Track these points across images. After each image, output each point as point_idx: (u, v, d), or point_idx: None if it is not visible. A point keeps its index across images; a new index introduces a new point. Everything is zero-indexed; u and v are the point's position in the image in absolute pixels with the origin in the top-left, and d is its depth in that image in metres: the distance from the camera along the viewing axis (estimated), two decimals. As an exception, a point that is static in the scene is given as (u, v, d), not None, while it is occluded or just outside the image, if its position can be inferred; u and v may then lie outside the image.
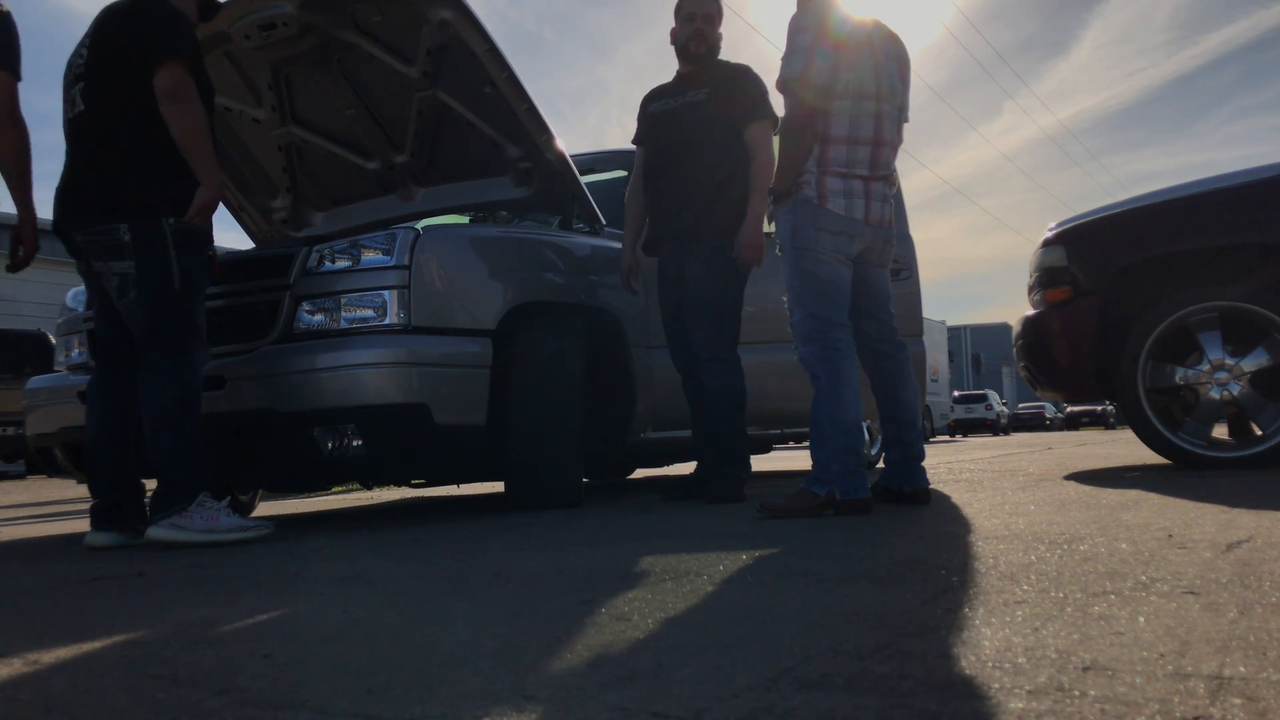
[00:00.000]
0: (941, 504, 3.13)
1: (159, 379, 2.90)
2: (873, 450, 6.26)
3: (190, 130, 2.88)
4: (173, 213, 2.92)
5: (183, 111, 2.87)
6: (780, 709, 0.96)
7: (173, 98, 2.86)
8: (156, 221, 2.90)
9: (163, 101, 2.86)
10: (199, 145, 2.90)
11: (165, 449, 2.88)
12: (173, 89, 2.86)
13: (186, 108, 2.88)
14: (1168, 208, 4.18)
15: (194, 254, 2.98)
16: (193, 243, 2.97)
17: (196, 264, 2.98)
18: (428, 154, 4.37)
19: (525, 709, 1.01)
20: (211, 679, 1.19)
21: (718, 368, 3.68)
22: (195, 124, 2.90)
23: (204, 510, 2.85)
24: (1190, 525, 2.22)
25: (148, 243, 2.89)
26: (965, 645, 1.18)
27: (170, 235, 2.91)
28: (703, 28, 3.80)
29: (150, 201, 2.91)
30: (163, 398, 2.90)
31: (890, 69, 3.07)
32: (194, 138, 2.89)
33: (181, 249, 2.93)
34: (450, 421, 3.28)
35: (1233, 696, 0.93)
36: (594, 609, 1.54)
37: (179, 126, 2.87)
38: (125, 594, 2.00)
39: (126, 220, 2.90)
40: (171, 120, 2.87)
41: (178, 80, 2.86)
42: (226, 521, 2.87)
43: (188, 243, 2.95)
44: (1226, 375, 3.95)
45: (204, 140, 2.92)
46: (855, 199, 2.98)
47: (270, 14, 3.76)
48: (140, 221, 2.90)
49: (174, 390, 2.90)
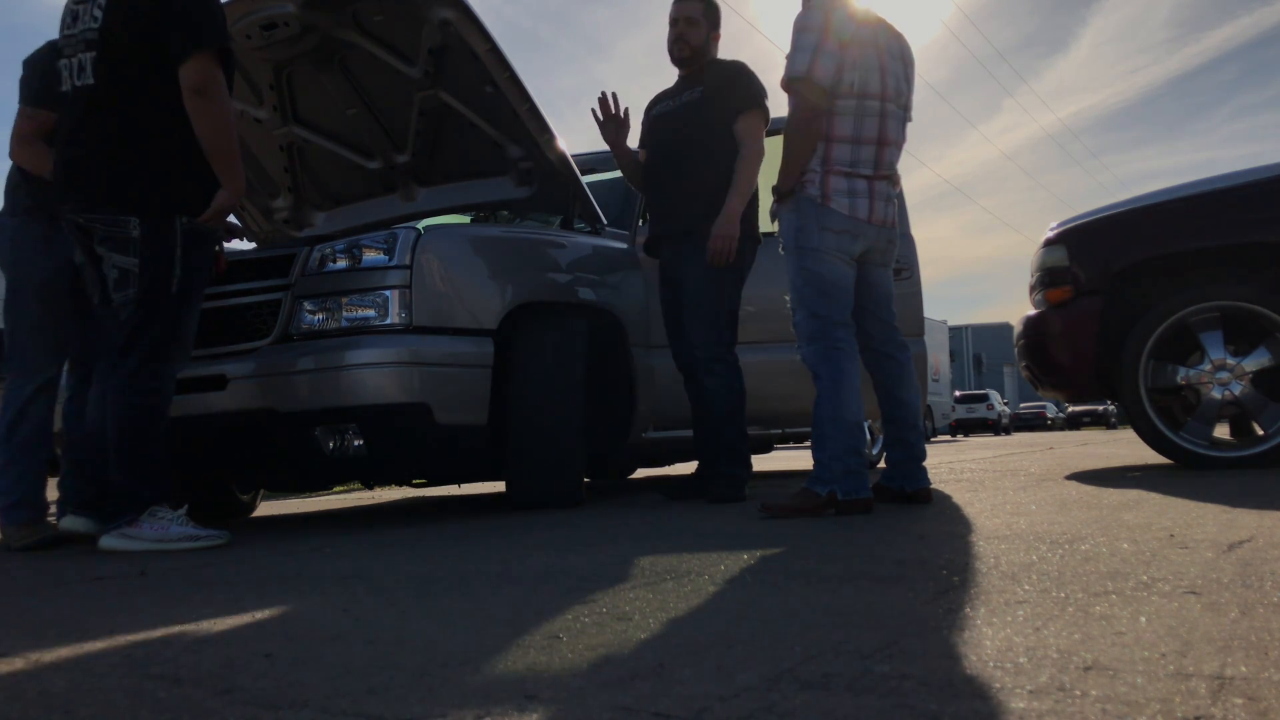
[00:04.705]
0: (943, 504, 3.13)
1: (131, 387, 2.78)
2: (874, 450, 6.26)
3: (217, 129, 2.71)
4: (186, 211, 2.76)
5: (211, 108, 2.68)
6: (781, 709, 0.96)
7: (201, 93, 2.66)
8: (169, 220, 2.75)
9: (189, 96, 2.66)
10: (225, 145, 2.73)
11: (126, 460, 2.76)
12: (201, 83, 2.66)
13: (215, 105, 2.69)
14: (1169, 207, 4.18)
15: (200, 257, 2.85)
16: (201, 245, 2.85)
17: (200, 269, 2.87)
18: (429, 154, 4.37)
19: (527, 708, 1.00)
20: (213, 679, 1.19)
21: (716, 368, 3.68)
22: (222, 122, 2.72)
23: (155, 520, 2.75)
24: (1192, 525, 2.21)
25: (157, 242, 2.74)
26: (967, 645, 1.18)
27: (180, 236, 2.76)
28: (684, 30, 3.81)
29: (165, 197, 2.75)
30: (132, 407, 2.77)
31: (895, 68, 3.06)
32: (220, 137, 2.72)
33: (189, 251, 2.80)
34: (451, 421, 3.28)
35: (1234, 696, 0.93)
36: (595, 608, 1.54)
37: (206, 124, 2.69)
38: (126, 594, 2.00)
39: (137, 214, 2.73)
40: (198, 116, 2.68)
41: (207, 74, 2.66)
42: (177, 531, 2.76)
43: (196, 245, 2.82)
44: (1228, 375, 3.95)
45: (230, 140, 2.75)
46: (859, 198, 2.98)
47: (272, 14, 3.76)
48: (152, 217, 2.73)
49: (144, 400, 2.78)
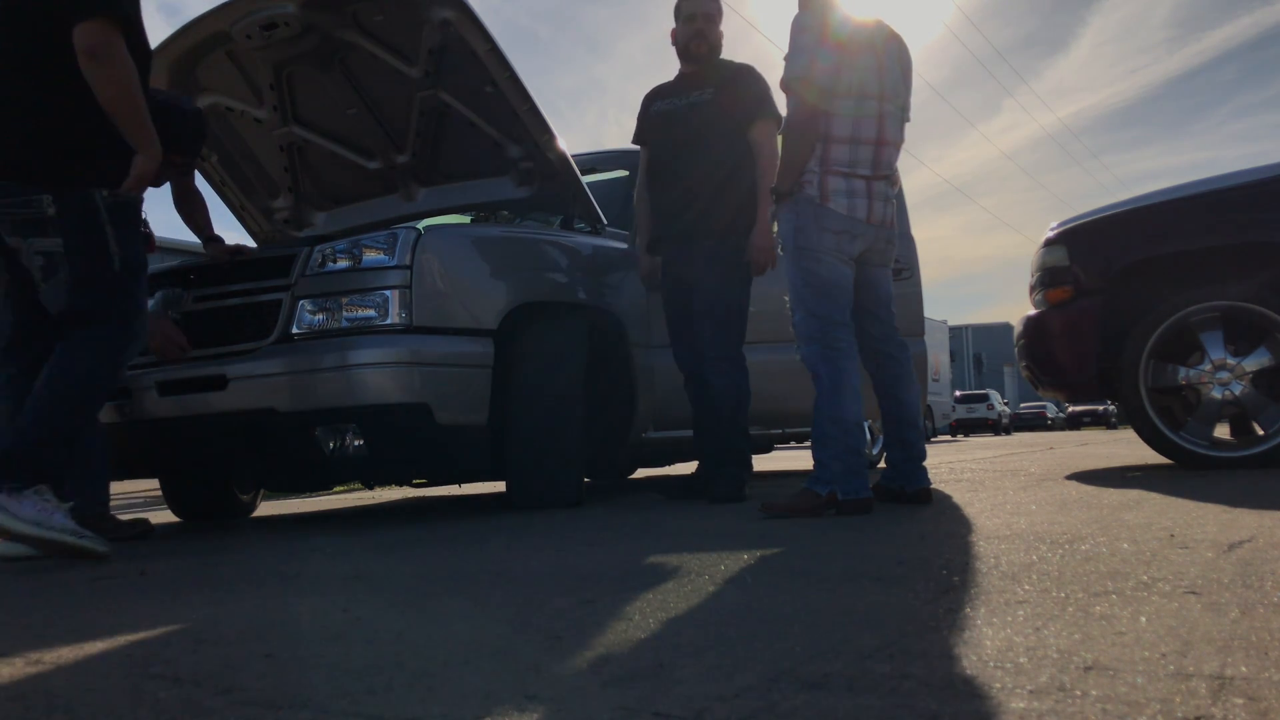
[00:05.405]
0: (943, 504, 3.13)
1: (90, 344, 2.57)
2: (874, 450, 6.26)
3: (118, 94, 2.52)
4: (103, 184, 2.59)
5: (107, 73, 2.50)
6: (782, 709, 0.96)
7: (94, 56, 2.48)
8: (87, 192, 2.57)
9: (83, 60, 2.49)
10: (129, 109, 2.55)
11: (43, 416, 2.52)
12: (93, 46, 2.48)
13: (111, 69, 2.50)
14: (1170, 207, 4.18)
15: (130, 230, 2.67)
16: (128, 217, 2.67)
17: (134, 241, 2.69)
18: (429, 154, 4.37)
19: (527, 708, 1.01)
20: (213, 678, 1.19)
21: (723, 366, 3.68)
22: (123, 86, 2.53)
23: (39, 501, 2.48)
24: (1192, 525, 2.21)
25: (78, 216, 2.57)
26: (967, 645, 1.18)
27: (105, 210, 2.59)
28: (704, 27, 3.80)
29: (77, 169, 2.58)
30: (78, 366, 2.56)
31: (892, 69, 3.07)
32: (123, 101, 2.53)
33: (117, 225, 2.62)
34: (452, 421, 3.28)
35: (1234, 696, 0.93)
36: (595, 608, 1.54)
37: (104, 89, 2.51)
38: (127, 593, 2.00)
39: (50, 190, 2.55)
40: (94, 82, 2.51)
41: (101, 36, 2.48)
42: (60, 521, 2.48)
43: (123, 217, 2.64)
44: (1228, 375, 3.95)
45: (134, 103, 2.56)
46: (858, 199, 2.98)
47: (272, 14, 3.76)
48: (67, 192, 2.55)
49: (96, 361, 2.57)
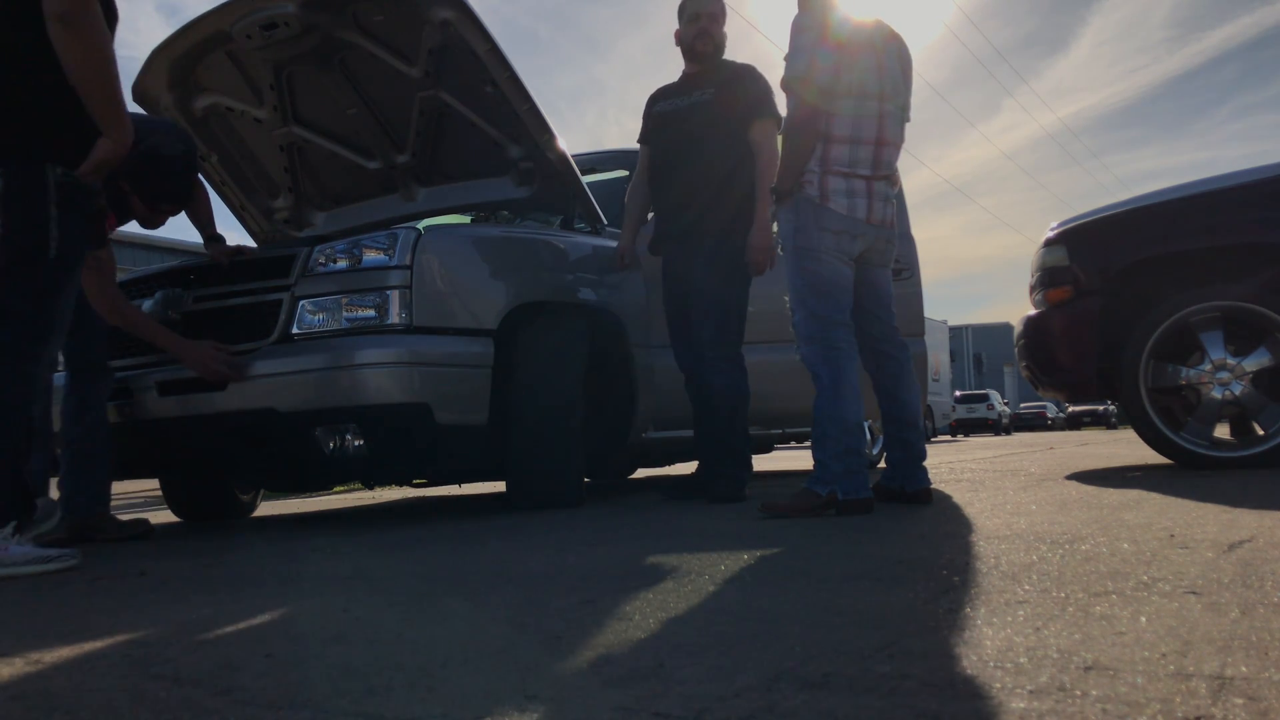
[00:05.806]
0: (943, 504, 3.13)
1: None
2: (874, 450, 6.26)
3: (90, 65, 2.29)
4: (59, 161, 2.35)
5: (78, 39, 2.26)
6: (782, 709, 0.96)
7: (65, 20, 2.24)
8: (37, 168, 2.33)
9: (51, 24, 2.25)
10: (100, 84, 2.31)
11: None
12: (64, 10, 2.24)
13: (83, 35, 2.26)
14: (1170, 207, 4.18)
15: (78, 219, 2.42)
16: (79, 204, 2.42)
17: (79, 233, 2.43)
18: (429, 154, 4.37)
19: (527, 708, 1.00)
20: (213, 678, 1.19)
21: (723, 366, 3.68)
22: (96, 57, 2.29)
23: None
24: (1192, 525, 2.21)
25: (23, 194, 2.32)
26: (967, 645, 1.18)
27: (55, 190, 2.34)
28: (708, 27, 3.80)
29: (30, 143, 2.34)
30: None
31: (892, 69, 3.07)
32: (93, 74, 2.30)
33: (66, 210, 2.37)
34: (451, 421, 3.28)
35: (1235, 696, 0.93)
36: (595, 608, 1.54)
37: (73, 57, 2.27)
38: (127, 593, 2.00)
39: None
40: (62, 48, 2.26)
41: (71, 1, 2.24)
42: (17, 552, 2.30)
43: (73, 203, 2.39)
44: (1228, 375, 3.95)
45: (107, 78, 2.33)
46: (858, 199, 2.98)
47: (272, 14, 3.76)
48: (15, 166, 2.32)
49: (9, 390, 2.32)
